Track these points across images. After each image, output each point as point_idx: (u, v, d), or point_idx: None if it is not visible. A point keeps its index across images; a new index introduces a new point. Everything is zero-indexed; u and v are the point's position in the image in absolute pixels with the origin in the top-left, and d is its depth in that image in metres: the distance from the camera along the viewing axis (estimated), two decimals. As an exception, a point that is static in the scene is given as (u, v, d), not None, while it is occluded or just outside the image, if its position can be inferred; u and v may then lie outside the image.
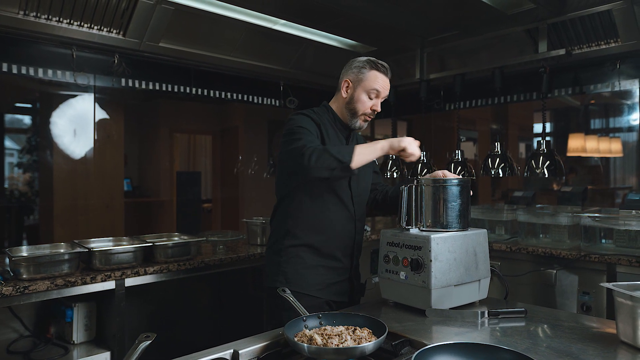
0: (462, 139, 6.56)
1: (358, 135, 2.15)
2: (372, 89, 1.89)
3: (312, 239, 1.88)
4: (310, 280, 1.86)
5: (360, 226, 1.98)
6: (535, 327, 1.54)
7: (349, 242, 1.93)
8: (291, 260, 1.88)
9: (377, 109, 1.95)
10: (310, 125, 1.86)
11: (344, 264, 1.94)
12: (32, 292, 1.91)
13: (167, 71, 3.18)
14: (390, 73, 1.95)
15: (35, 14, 2.42)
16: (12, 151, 7.66)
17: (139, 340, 1.21)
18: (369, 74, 1.90)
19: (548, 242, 2.78)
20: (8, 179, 8.10)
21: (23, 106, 6.05)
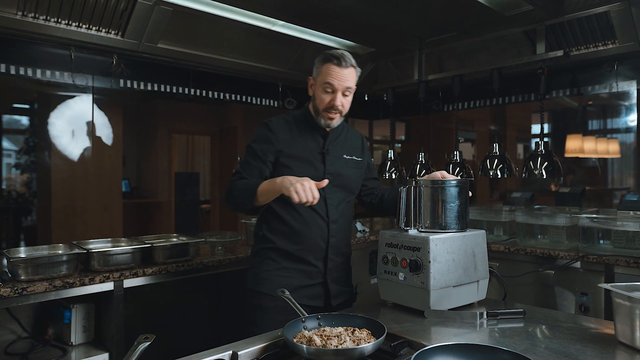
0: (461, 140, 6.58)
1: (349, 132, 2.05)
2: (325, 83, 1.81)
3: (283, 243, 1.87)
4: (279, 282, 1.84)
5: (335, 228, 1.90)
6: (533, 327, 1.54)
7: (321, 245, 1.88)
8: (263, 262, 1.89)
9: (337, 104, 1.83)
10: (261, 142, 1.86)
11: (317, 268, 1.89)
12: (30, 294, 1.91)
13: (166, 72, 3.18)
14: (349, 62, 1.83)
15: (34, 15, 2.42)
16: (10, 152, 7.64)
17: (138, 341, 1.20)
18: (322, 68, 1.83)
19: (546, 243, 2.79)
20: (6, 180, 8.07)
21: (21, 107, 6.04)
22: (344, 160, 1.95)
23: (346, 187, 1.95)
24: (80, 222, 3.90)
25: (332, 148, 1.92)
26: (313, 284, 1.89)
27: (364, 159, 2.06)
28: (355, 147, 2.03)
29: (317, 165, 1.88)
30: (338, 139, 1.97)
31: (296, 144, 1.87)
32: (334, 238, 1.90)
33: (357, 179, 2.03)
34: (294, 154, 1.86)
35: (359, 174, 2.04)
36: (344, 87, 1.83)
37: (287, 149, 1.86)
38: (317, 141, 1.91)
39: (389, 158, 3.87)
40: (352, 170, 1.98)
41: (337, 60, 1.80)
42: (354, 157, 1.99)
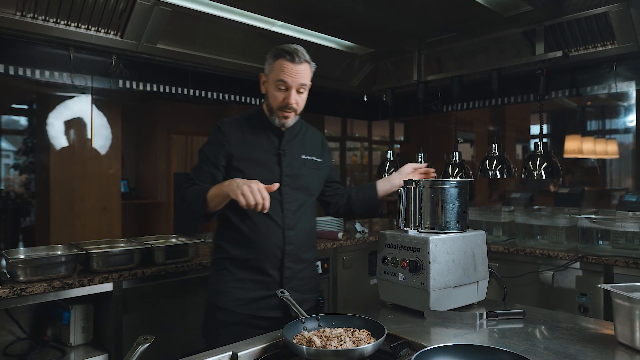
0: (459, 140, 6.57)
1: (309, 132, 1.94)
2: (278, 80, 1.71)
3: (237, 252, 1.77)
4: (233, 295, 1.75)
5: (292, 235, 1.79)
6: (533, 328, 1.54)
7: (277, 254, 1.77)
8: (219, 273, 1.80)
9: (290, 102, 1.73)
10: (212, 145, 1.78)
11: (273, 278, 1.77)
12: (29, 295, 1.91)
13: (165, 72, 3.17)
14: (303, 57, 1.73)
15: (33, 15, 2.42)
16: (8, 152, 7.62)
17: (138, 342, 1.20)
18: (275, 64, 1.73)
19: (546, 243, 2.79)
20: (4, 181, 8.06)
21: (19, 107, 6.03)
22: (302, 160, 1.85)
23: (305, 189, 1.85)
24: (79, 223, 3.90)
25: (288, 148, 1.83)
26: (270, 294, 1.76)
27: (324, 159, 1.96)
28: (314, 147, 1.93)
29: (273, 167, 1.78)
30: (296, 139, 1.87)
31: (249, 146, 1.78)
32: (291, 246, 1.79)
33: (318, 181, 1.93)
34: (247, 157, 1.76)
35: (319, 175, 1.93)
36: (298, 84, 1.73)
37: (240, 152, 1.76)
38: (272, 142, 1.81)
39: (388, 159, 3.87)
40: (311, 171, 1.87)
41: (290, 56, 1.71)
42: (313, 158, 1.89)
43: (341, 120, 9.50)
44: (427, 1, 2.77)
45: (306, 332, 1.45)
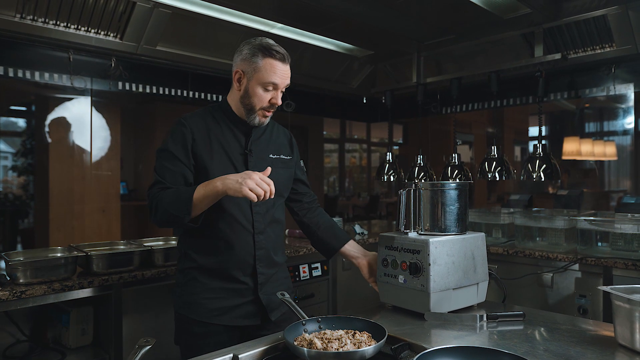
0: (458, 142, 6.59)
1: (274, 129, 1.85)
2: (268, 82, 1.61)
3: (205, 260, 1.67)
4: (207, 306, 1.67)
5: (262, 239, 1.71)
6: (533, 330, 1.54)
7: (248, 260, 1.69)
8: (189, 284, 1.69)
9: (277, 102, 1.66)
10: (178, 145, 1.63)
11: (247, 284, 1.69)
12: (28, 297, 1.90)
13: (165, 75, 3.17)
14: (288, 57, 1.66)
15: (32, 17, 2.42)
16: (7, 154, 7.62)
17: (139, 345, 1.20)
18: (264, 63, 1.61)
19: (545, 245, 2.79)
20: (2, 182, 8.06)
21: (18, 109, 6.02)
22: (270, 160, 1.76)
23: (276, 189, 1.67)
24: (78, 225, 3.89)
25: (255, 148, 1.73)
26: (245, 302, 1.70)
27: (293, 157, 1.88)
28: (282, 145, 1.84)
29: (239, 167, 1.68)
30: (262, 137, 1.77)
31: (215, 143, 1.67)
32: (262, 250, 1.71)
33: (287, 180, 1.84)
34: (212, 156, 1.66)
35: (288, 175, 1.84)
36: (285, 84, 1.67)
37: (205, 150, 1.65)
38: (238, 140, 1.71)
39: (387, 160, 3.87)
40: (279, 171, 1.77)
41: (280, 55, 1.63)
42: (281, 156, 1.81)
43: (340, 122, 9.51)
44: (426, 4, 2.78)
45: (307, 334, 1.45)
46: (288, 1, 2.68)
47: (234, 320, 1.69)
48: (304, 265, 2.88)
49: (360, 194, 9.94)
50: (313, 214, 1.97)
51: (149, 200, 1.59)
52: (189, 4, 2.66)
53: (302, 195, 1.96)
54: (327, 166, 11.16)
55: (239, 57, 1.66)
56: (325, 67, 3.75)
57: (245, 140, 1.72)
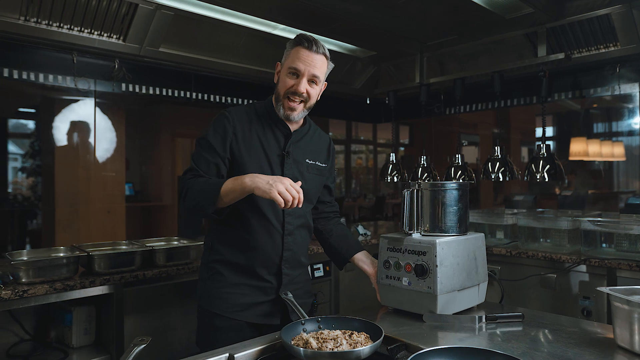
0: (464, 143, 6.57)
1: (316, 134, 1.84)
2: (291, 66, 1.62)
3: (233, 256, 1.69)
4: (230, 301, 1.68)
5: (290, 241, 1.72)
6: (532, 331, 1.53)
7: (274, 260, 1.70)
8: (213, 277, 1.71)
9: (300, 89, 1.62)
10: (217, 137, 1.64)
11: (271, 283, 1.71)
12: (31, 296, 1.92)
13: (168, 76, 3.19)
14: (321, 49, 1.64)
15: (36, 20, 2.44)
16: (16, 156, 7.70)
17: (134, 343, 1.21)
18: (292, 50, 1.64)
19: (548, 246, 2.77)
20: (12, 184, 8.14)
21: (26, 111, 6.10)
22: (306, 165, 1.76)
23: (306, 195, 1.72)
24: (84, 226, 3.92)
25: (293, 150, 1.73)
26: (267, 300, 1.71)
27: (329, 165, 1.87)
28: (320, 152, 1.84)
29: (275, 167, 1.69)
30: (302, 141, 1.77)
31: (254, 141, 1.67)
32: (289, 252, 1.72)
33: (318, 187, 1.84)
34: (250, 153, 1.66)
35: (320, 182, 1.84)
36: (311, 74, 1.63)
37: (244, 146, 1.65)
38: (277, 140, 1.71)
39: (391, 161, 3.86)
40: (313, 177, 1.79)
41: (308, 44, 1.62)
42: (317, 163, 1.81)
43: (346, 123, 9.51)
44: (427, 4, 2.77)
45: (305, 333, 1.45)
46: (290, 2, 2.69)
47: (255, 317, 1.70)
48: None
49: (366, 195, 9.92)
50: (329, 223, 1.97)
51: (180, 185, 1.61)
52: (191, 5, 2.68)
53: (324, 204, 1.95)
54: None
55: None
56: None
57: (284, 142, 1.72)
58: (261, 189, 1.47)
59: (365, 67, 3.93)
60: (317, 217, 1.95)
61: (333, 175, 1.96)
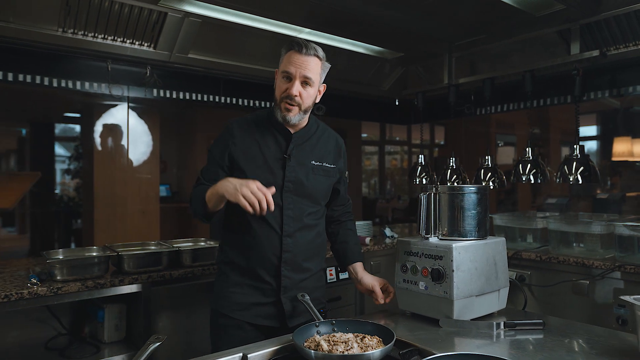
0: (500, 144, 6.39)
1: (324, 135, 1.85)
2: (284, 70, 1.66)
3: (236, 256, 1.74)
4: (232, 300, 1.73)
5: (290, 243, 1.72)
6: (552, 340, 1.48)
7: (273, 261, 1.71)
8: (220, 278, 1.79)
9: (292, 92, 1.64)
10: (218, 149, 1.75)
11: (270, 285, 1.72)
12: (64, 293, 2.02)
13: (197, 81, 3.28)
14: (312, 51, 1.67)
15: (73, 31, 2.58)
16: (64, 158, 8.10)
17: (150, 341, 1.26)
18: (285, 56, 1.69)
19: (581, 251, 2.67)
20: (60, 185, 8.57)
21: (71, 115, 6.41)
22: (310, 166, 1.77)
23: (310, 196, 1.76)
24: (121, 226, 4.09)
25: (296, 153, 1.75)
26: (267, 302, 1.73)
27: (338, 165, 1.88)
28: (327, 152, 1.84)
29: (276, 171, 1.71)
30: (307, 143, 1.78)
31: (255, 147, 1.72)
32: (289, 254, 1.72)
33: (326, 189, 1.84)
34: (250, 158, 1.71)
35: (328, 183, 1.83)
36: (303, 76, 1.64)
37: (244, 152, 1.71)
38: (279, 144, 1.74)
39: (420, 163, 3.81)
40: (319, 179, 1.79)
41: (299, 47, 1.65)
42: (324, 164, 1.81)
43: (380, 124, 9.44)
44: (454, 5, 2.73)
45: (318, 335, 1.46)
46: (315, 6, 2.71)
47: (253, 317, 1.72)
48: (330, 267, 2.89)
49: (400, 196, 9.82)
50: (337, 226, 1.98)
51: (192, 192, 1.76)
52: (217, 12, 2.74)
53: (333, 209, 1.96)
54: (368, 168, 11.11)
55: None
56: (355, 70, 3.75)
57: (286, 145, 1.74)
58: (229, 193, 1.51)
59: (393, 69, 3.90)
60: (328, 220, 1.96)
61: (344, 178, 1.95)
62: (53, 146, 7.04)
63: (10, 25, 2.44)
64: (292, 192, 1.73)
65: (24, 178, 5.12)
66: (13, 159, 9.87)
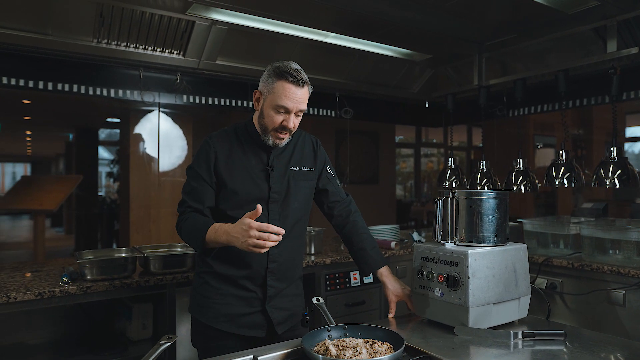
0: (538, 145, 6.18)
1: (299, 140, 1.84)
2: (279, 104, 1.61)
3: (220, 267, 1.71)
4: (216, 311, 1.70)
5: (276, 253, 1.71)
6: (572, 351, 1.42)
7: (259, 271, 1.70)
8: (203, 286, 1.74)
9: (289, 126, 1.64)
10: (201, 164, 1.69)
11: (256, 294, 1.72)
12: (93, 292, 2.12)
13: (225, 86, 3.35)
14: (304, 81, 1.63)
15: (107, 41, 2.70)
16: (107, 161, 8.47)
17: (161, 341, 1.30)
18: (276, 85, 1.61)
19: (618, 258, 2.54)
20: (105, 187, 8.96)
21: (112, 121, 6.71)
22: (291, 172, 1.77)
23: (295, 204, 1.76)
24: (154, 228, 4.23)
25: (277, 163, 1.75)
26: (252, 312, 1.72)
27: (315, 168, 1.86)
28: (305, 156, 1.84)
29: (261, 183, 1.71)
30: (285, 152, 1.79)
31: (237, 162, 1.71)
32: (275, 263, 1.72)
33: (309, 193, 1.84)
34: (235, 173, 1.69)
35: (309, 187, 1.83)
36: (298, 109, 1.64)
37: (227, 168, 1.69)
38: (260, 157, 1.73)
39: (450, 166, 3.74)
40: (301, 184, 1.79)
41: (294, 79, 1.60)
42: (303, 168, 1.81)
43: (415, 127, 9.32)
44: (481, 5, 2.67)
45: (329, 340, 1.47)
46: (342, 11, 2.70)
47: (240, 329, 1.71)
48: (355, 272, 2.88)
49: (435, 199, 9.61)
50: (349, 230, 1.95)
51: (179, 220, 1.71)
52: (243, 19, 2.80)
53: (332, 208, 1.94)
54: (404, 171, 10.99)
55: (261, 78, 1.70)
56: (384, 73, 3.73)
57: (267, 157, 1.74)
58: (239, 246, 1.51)
59: (422, 71, 3.85)
60: (336, 225, 1.96)
61: (328, 174, 1.92)
62: (97, 150, 7.40)
63: (49, 38, 2.58)
64: (278, 203, 1.73)
65: (67, 181, 5.39)
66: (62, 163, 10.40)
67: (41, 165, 12.74)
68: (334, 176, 1.96)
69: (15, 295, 1.95)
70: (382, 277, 1.93)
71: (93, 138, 7.28)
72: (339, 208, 1.96)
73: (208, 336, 1.74)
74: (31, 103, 5.13)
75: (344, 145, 5.94)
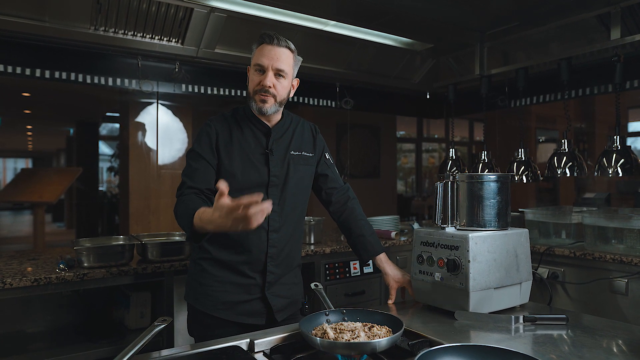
0: (540, 139, 6.15)
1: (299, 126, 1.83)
2: (256, 63, 1.66)
3: (218, 252, 1.68)
4: (214, 298, 1.68)
5: (275, 238, 1.70)
6: (574, 335, 1.40)
7: (259, 257, 1.69)
8: (200, 274, 1.72)
9: (266, 83, 1.63)
10: (203, 145, 1.67)
11: (255, 281, 1.70)
12: (90, 279, 2.10)
13: (224, 76, 3.32)
14: (284, 42, 1.67)
15: (104, 28, 2.67)
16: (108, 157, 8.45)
17: (156, 323, 1.28)
18: (257, 50, 1.69)
19: (620, 247, 2.51)
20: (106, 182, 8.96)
21: (112, 115, 6.70)
22: (291, 156, 1.76)
23: (294, 188, 1.75)
24: (154, 219, 4.21)
25: (276, 147, 1.74)
26: (251, 299, 1.70)
27: (315, 154, 1.86)
28: (305, 141, 1.83)
29: (260, 167, 1.69)
30: (284, 136, 1.78)
31: (234, 144, 1.69)
32: (274, 249, 1.71)
33: (308, 178, 1.84)
34: (234, 157, 1.68)
35: (309, 172, 1.83)
36: (275, 67, 1.64)
37: (226, 150, 1.68)
38: (259, 140, 1.72)
39: (450, 157, 3.71)
40: (301, 168, 1.78)
41: (270, 39, 1.66)
42: (303, 153, 1.80)
43: (417, 121, 9.28)
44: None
45: (327, 324, 1.45)
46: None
47: (239, 317, 1.70)
48: (354, 261, 2.86)
49: (437, 194, 9.56)
50: (347, 217, 1.93)
51: (177, 201, 1.63)
52: (242, 7, 2.77)
53: (330, 194, 1.93)
54: (406, 166, 10.95)
55: None
56: (384, 63, 3.69)
57: (266, 140, 1.73)
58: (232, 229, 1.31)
59: (423, 61, 3.81)
60: (334, 212, 1.95)
61: (326, 161, 1.92)
62: (97, 144, 7.39)
63: (46, 25, 2.55)
64: (277, 187, 1.72)
65: (67, 173, 5.38)
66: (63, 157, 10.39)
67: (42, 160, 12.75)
68: (332, 162, 1.95)
69: (11, 281, 1.93)
70: (381, 264, 1.92)
71: (94, 132, 7.27)
72: (337, 194, 1.94)
73: (206, 324, 1.71)
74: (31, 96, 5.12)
75: (344, 138, 5.91)
